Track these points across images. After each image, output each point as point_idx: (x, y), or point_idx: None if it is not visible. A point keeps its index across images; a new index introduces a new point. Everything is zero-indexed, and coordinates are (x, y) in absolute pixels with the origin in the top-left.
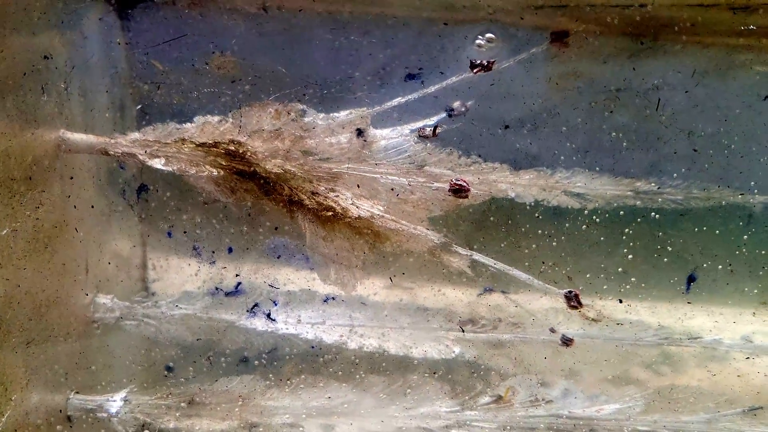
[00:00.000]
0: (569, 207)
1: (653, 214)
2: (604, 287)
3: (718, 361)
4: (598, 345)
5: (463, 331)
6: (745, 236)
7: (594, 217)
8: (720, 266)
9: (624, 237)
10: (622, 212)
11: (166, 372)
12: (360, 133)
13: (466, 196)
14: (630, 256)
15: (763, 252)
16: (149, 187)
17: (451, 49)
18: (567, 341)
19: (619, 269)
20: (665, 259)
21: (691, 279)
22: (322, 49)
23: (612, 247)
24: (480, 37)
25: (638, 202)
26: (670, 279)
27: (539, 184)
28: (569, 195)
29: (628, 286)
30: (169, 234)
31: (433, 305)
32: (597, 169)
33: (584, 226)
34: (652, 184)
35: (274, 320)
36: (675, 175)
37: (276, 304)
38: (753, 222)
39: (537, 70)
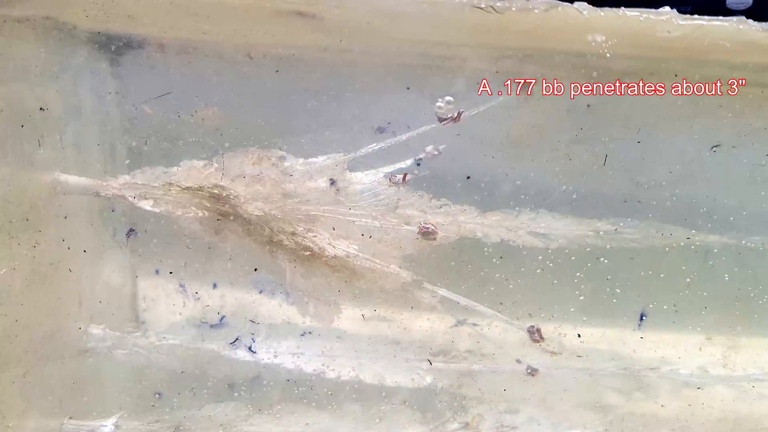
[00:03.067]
0: (533, 247)
1: (603, 259)
2: (564, 323)
3: (672, 390)
4: (562, 375)
5: (430, 363)
6: (688, 279)
7: (552, 258)
8: (665, 306)
9: (580, 277)
10: (575, 256)
11: (155, 399)
12: (333, 182)
13: (434, 239)
14: (584, 296)
15: (705, 294)
16: (137, 231)
17: (416, 106)
18: (532, 371)
19: (576, 307)
20: (616, 300)
21: (642, 315)
22: (298, 106)
23: (569, 287)
24: (440, 99)
25: (599, 242)
26: (624, 316)
27: (505, 225)
28: (533, 235)
29: (585, 320)
30: (157, 272)
31: (407, 337)
32: (559, 211)
33: (544, 266)
34: (611, 225)
35: (254, 353)
36: (629, 219)
37: (254, 341)
38: (708, 259)
39: (502, 119)
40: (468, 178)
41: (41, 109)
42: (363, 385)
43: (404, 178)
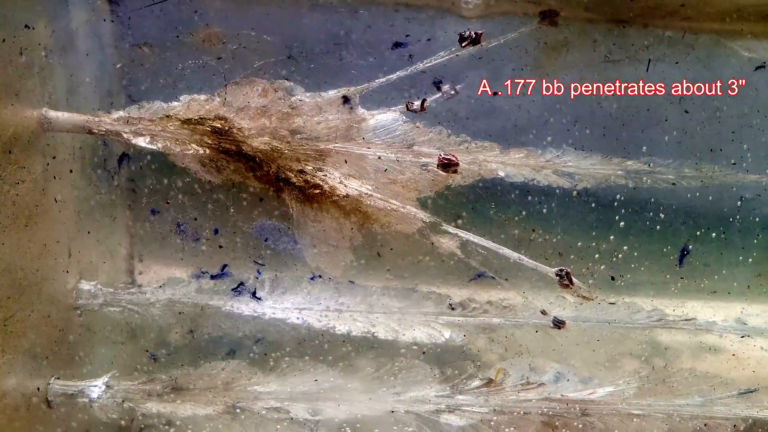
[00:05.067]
0: (559, 186)
1: (634, 186)
2: (596, 266)
3: (714, 342)
4: (592, 328)
5: (452, 308)
6: (738, 202)
7: (584, 193)
8: (714, 234)
9: (614, 212)
10: (606, 193)
11: (150, 357)
12: (346, 100)
13: (455, 171)
14: (621, 232)
15: (757, 219)
16: (130, 156)
17: (437, 16)
18: (559, 323)
19: (611, 246)
20: (657, 233)
21: (684, 252)
22: (307, 20)
23: (602, 223)
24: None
25: (629, 182)
26: (663, 253)
27: (529, 163)
28: (559, 174)
29: (619, 264)
30: (153, 211)
31: (424, 288)
32: (587, 147)
33: (573, 204)
34: (643, 164)
35: (259, 299)
36: (666, 151)
37: (260, 273)
38: (745, 200)
39: (526, 46)
40: (495, 94)
41: (26, 26)
42: (376, 340)
43: (423, 105)
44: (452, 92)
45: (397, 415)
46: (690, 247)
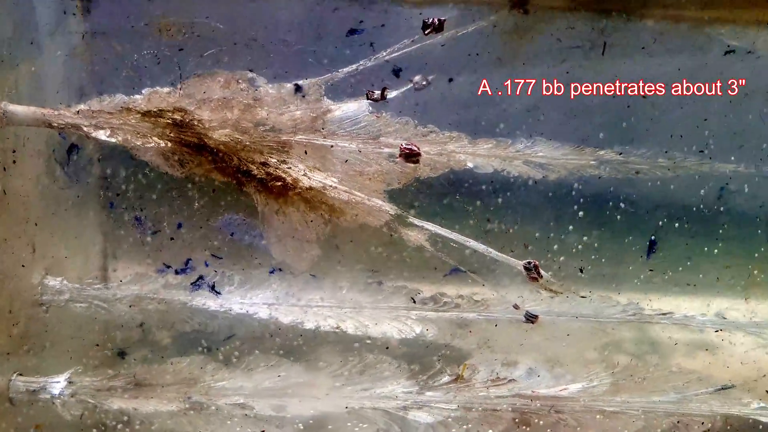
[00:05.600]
0: (529, 177)
1: (600, 176)
2: (563, 258)
3: (691, 338)
4: (565, 322)
5: (414, 302)
6: (702, 191)
7: (550, 185)
8: (677, 225)
9: (580, 203)
10: (576, 184)
11: (114, 353)
12: (298, 88)
13: (417, 161)
14: (586, 224)
15: (722, 209)
16: (79, 147)
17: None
18: (531, 318)
19: (576, 238)
20: (622, 228)
21: (651, 244)
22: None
23: (568, 215)
24: None
25: (602, 172)
26: (631, 246)
27: (499, 154)
28: (530, 165)
29: (586, 256)
30: (111, 205)
31: (392, 283)
32: (557, 138)
33: (540, 196)
34: (615, 153)
35: (218, 293)
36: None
37: (207, 265)
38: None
39: (494, 35)
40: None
41: None
42: (345, 335)
43: (383, 93)
44: (424, 83)
45: (363, 411)
46: (657, 239)
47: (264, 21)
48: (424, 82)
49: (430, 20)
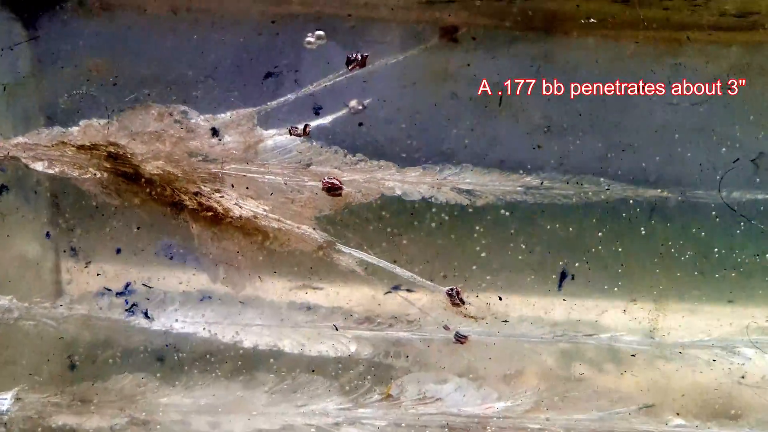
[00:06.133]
0: (456, 203)
1: (507, 213)
2: (486, 284)
3: (613, 357)
4: (493, 342)
5: (336, 329)
6: (600, 233)
7: (474, 215)
8: (585, 263)
9: (501, 235)
10: (501, 212)
11: (59, 371)
12: (215, 132)
13: (339, 194)
14: (502, 254)
15: (619, 249)
16: (8, 187)
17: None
18: (461, 338)
19: (496, 267)
20: (535, 259)
21: (563, 275)
22: (189, 55)
23: (489, 245)
24: (309, 35)
25: (528, 197)
26: (545, 276)
27: (426, 181)
28: (458, 192)
29: (506, 282)
30: (48, 235)
31: (327, 304)
32: (485, 164)
33: (465, 224)
34: (540, 180)
35: (151, 319)
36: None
37: (149, 307)
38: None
39: (421, 66)
40: (360, 125)
41: None
42: (281, 354)
43: (305, 130)
44: (360, 107)
45: (297, 427)
46: (568, 270)
47: (192, 60)
48: (360, 107)
49: (354, 55)
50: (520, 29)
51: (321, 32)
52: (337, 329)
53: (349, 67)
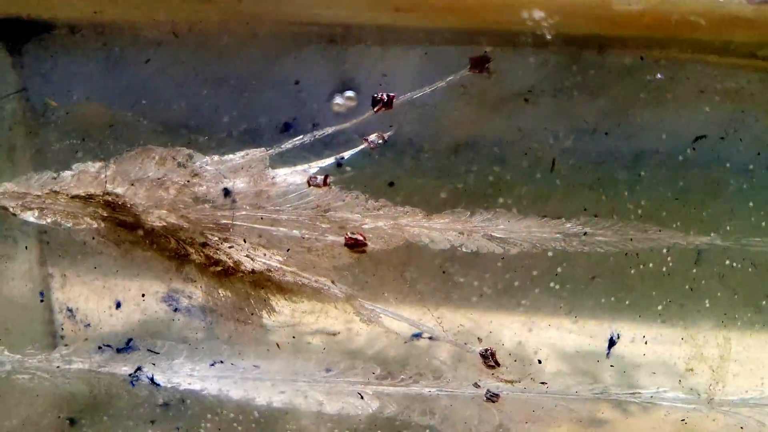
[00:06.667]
0: (489, 252)
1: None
2: (522, 346)
3: (662, 416)
4: (528, 400)
5: (361, 397)
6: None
7: (509, 266)
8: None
9: (539, 292)
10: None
11: (60, 426)
12: (227, 193)
13: (364, 251)
14: (546, 313)
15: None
16: None
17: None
18: (492, 397)
19: (536, 326)
20: (581, 321)
21: (612, 340)
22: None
23: (527, 302)
24: (339, 95)
25: (566, 246)
26: (591, 338)
27: (456, 228)
28: (490, 239)
29: (547, 342)
30: (42, 294)
31: (347, 358)
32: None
33: (499, 277)
34: (581, 226)
35: (158, 385)
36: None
37: (154, 372)
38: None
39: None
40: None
41: None
42: (298, 411)
43: (325, 180)
44: (379, 141)
45: None
46: (617, 336)
47: (197, 106)
48: (380, 141)
49: (379, 96)
50: None
51: (351, 93)
52: (362, 397)
53: (375, 109)
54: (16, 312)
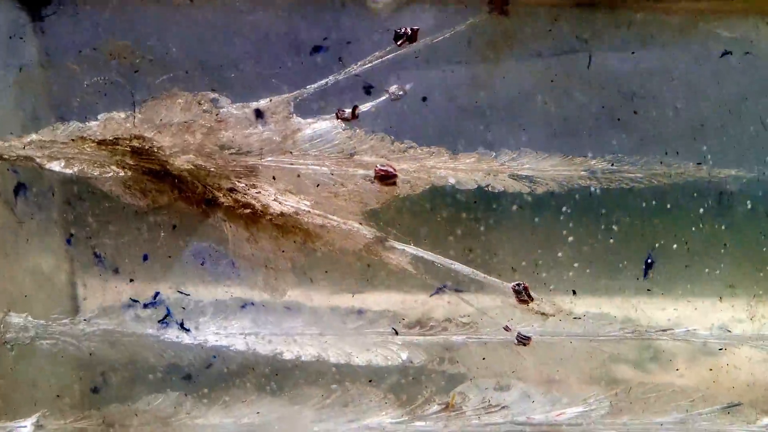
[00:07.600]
0: (516, 192)
1: (595, 190)
2: (556, 279)
3: (692, 354)
4: (559, 343)
5: (396, 333)
6: (701, 209)
7: (537, 202)
8: (676, 246)
9: (570, 222)
10: (564, 198)
11: (84, 393)
12: (259, 114)
13: (394, 183)
14: (576, 242)
15: (723, 227)
16: (27, 186)
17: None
18: (524, 340)
19: (569, 257)
20: (616, 244)
21: (648, 261)
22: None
23: (558, 234)
24: None
25: (594, 183)
26: (626, 263)
27: (482, 168)
28: (516, 179)
29: (580, 277)
30: (69, 241)
31: (375, 307)
32: (544, 148)
33: (528, 213)
34: (607, 163)
35: (187, 330)
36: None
37: (184, 318)
38: (723, 197)
39: (473, 41)
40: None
41: None
42: (327, 365)
43: (354, 112)
44: (400, 93)
45: None
46: (653, 258)
47: (223, 39)
48: (401, 92)
49: (402, 30)
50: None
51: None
52: (397, 333)
53: (398, 43)
54: (41, 277)
